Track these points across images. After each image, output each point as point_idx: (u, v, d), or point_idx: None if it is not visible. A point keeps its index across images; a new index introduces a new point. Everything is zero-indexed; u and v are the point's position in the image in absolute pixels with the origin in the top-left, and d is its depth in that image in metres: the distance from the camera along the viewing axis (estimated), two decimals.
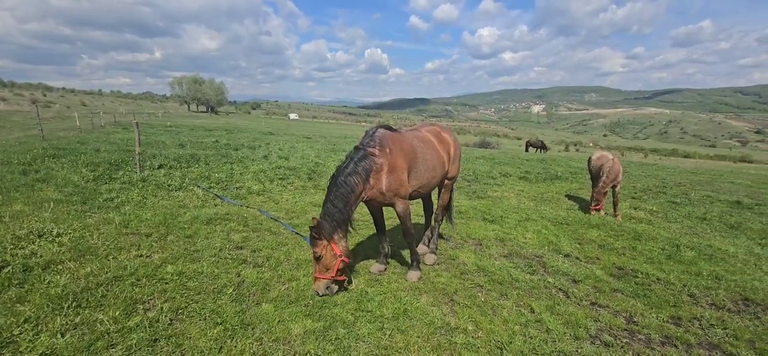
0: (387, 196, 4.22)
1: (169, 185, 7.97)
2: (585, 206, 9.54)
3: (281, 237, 5.59)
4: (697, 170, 21.35)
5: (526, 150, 35.58)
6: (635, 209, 9.74)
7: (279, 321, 3.42)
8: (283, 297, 3.86)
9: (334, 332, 3.33)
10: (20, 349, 2.71)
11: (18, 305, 3.20)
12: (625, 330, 3.78)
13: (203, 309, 3.47)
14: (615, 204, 8.85)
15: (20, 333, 2.86)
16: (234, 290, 3.86)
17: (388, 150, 4.21)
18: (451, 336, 3.43)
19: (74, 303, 3.30)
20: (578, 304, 4.22)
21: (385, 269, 4.74)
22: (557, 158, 23.34)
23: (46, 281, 3.63)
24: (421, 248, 5.48)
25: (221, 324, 3.28)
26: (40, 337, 2.84)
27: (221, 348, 2.99)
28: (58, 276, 3.72)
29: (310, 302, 3.78)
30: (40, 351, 2.69)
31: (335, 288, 4.02)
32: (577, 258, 5.67)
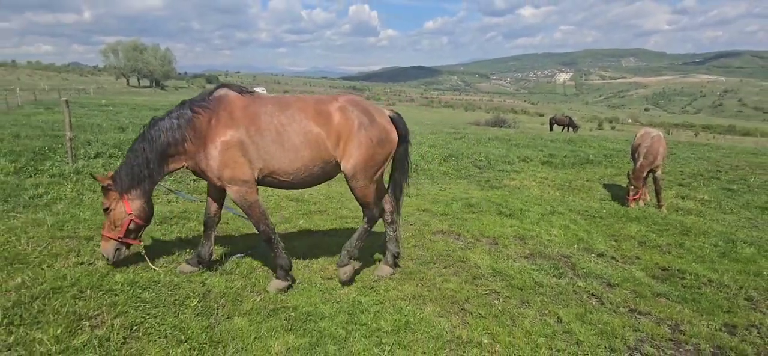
0: (209, 176, 4.28)
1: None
2: (623, 196, 9.77)
3: (252, 239, 5.68)
4: (759, 150, 21.81)
5: (551, 129, 35.98)
6: (683, 198, 10.01)
7: (256, 337, 3.52)
8: (258, 308, 3.96)
9: (322, 349, 3.45)
10: None
11: None
12: (670, 340, 3.95)
13: (163, 324, 3.56)
14: (657, 193, 9.07)
15: None
16: (199, 302, 3.96)
17: (213, 116, 4.22)
18: (463, 351, 3.57)
19: (6, 321, 3.37)
20: (614, 311, 4.38)
21: (199, 269, 4.61)
22: (588, 138, 23.66)
23: None
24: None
25: (186, 341, 3.38)
26: None
27: None
28: None
29: (293, 315, 3.89)
30: None
31: (125, 251, 4.45)
32: (613, 258, 5.86)
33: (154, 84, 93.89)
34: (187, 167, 4.39)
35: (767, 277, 5.35)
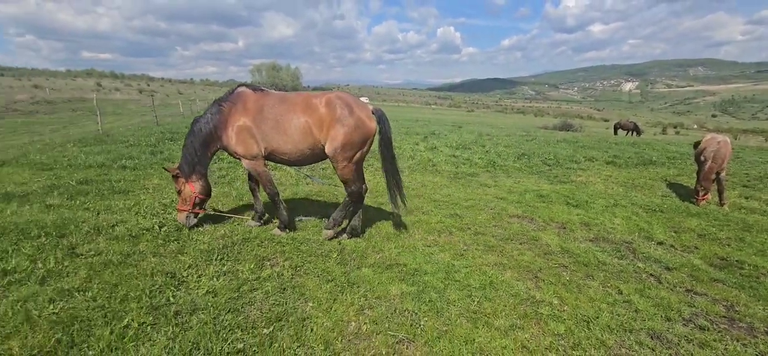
0: (230, 151, 4.73)
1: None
2: (684, 194, 8.92)
3: (369, 213, 6.17)
4: None
5: (615, 133, 32.90)
6: (747, 198, 8.86)
7: (378, 282, 3.97)
8: (378, 263, 4.41)
9: (427, 295, 3.79)
10: (190, 287, 3.58)
11: (179, 256, 4.14)
12: (725, 317, 3.74)
13: (315, 268, 4.15)
14: (720, 192, 8.17)
15: (187, 276, 3.75)
16: (338, 255, 4.50)
17: (231, 107, 4.62)
18: (537, 308, 3.71)
19: (219, 257, 4.17)
20: (671, 290, 4.20)
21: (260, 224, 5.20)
22: (652, 142, 21.38)
23: (194, 239, 4.58)
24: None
25: (332, 281, 3.92)
26: (201, 280, 3.70)
27: (335, 299, 3.61)
28: (202, 236, 4.67)
29: (404, 269, 4.28)
30: (205, 289, 3.53)
31: (194, 219, 4.86)
32: (672, 246, 5.50)
33: None
34: (220, 148, 4.87)
35: None
